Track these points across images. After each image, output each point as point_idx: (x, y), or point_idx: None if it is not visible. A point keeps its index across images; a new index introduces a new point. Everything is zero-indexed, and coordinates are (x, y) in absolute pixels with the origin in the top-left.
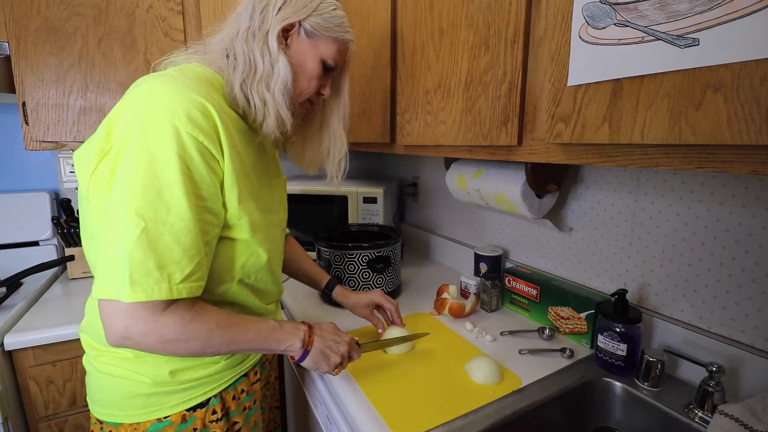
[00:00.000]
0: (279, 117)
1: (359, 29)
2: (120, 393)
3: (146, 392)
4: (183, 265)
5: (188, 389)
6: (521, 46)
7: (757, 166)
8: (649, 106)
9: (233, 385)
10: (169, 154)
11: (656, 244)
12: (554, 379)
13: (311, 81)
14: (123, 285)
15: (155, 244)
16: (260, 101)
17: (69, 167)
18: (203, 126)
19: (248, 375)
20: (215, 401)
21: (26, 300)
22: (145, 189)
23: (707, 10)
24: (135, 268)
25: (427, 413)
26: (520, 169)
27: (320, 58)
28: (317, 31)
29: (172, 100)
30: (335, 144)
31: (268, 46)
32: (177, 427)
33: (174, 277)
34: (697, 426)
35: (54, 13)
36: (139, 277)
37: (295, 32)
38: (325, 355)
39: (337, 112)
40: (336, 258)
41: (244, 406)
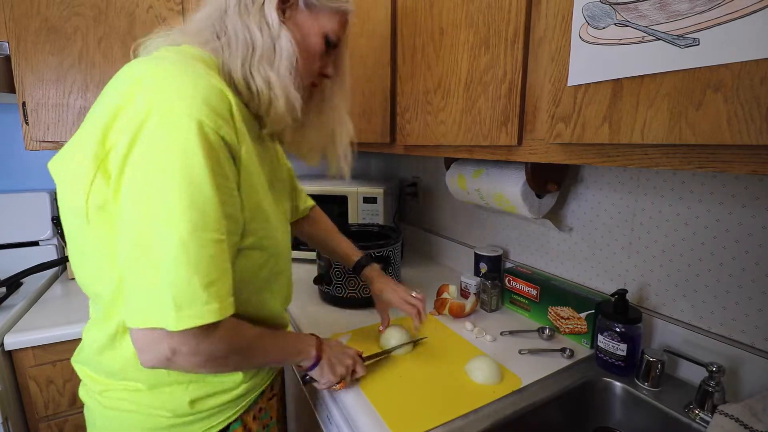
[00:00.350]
0: (288, 100)
1: (359, 29)
2: (132, 427)
3: (164, 425)
4: (226, 280)
5: (209, 417)
6: (521, 46)
7: (757, 166)
8: (649, 106)
9: (253, 406)
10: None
11: (656, 244)
12: (554, 379)
13: (314, 59)
14: (167, 311)
15: (197, 262)
16: (264, 83)
17: None
18: (224, 115)
19: (264, 392)
20: (236, 425)
21: (26, 300)
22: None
23: (707, 10)
24: (179, 292)
25: (428, 413)
26: (520, 169)
27: (323, 32)
28: (318, 1)
29: (187, 86)
30: (341, 126)
31: (266, 18)
32: None
33: (221, 295)
34: (697, 426)
35: (54, 13)
36: (185, 301)
37: (294, 3)
38: (331, 364)
39: (340, 92)
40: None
41: (264, 424)
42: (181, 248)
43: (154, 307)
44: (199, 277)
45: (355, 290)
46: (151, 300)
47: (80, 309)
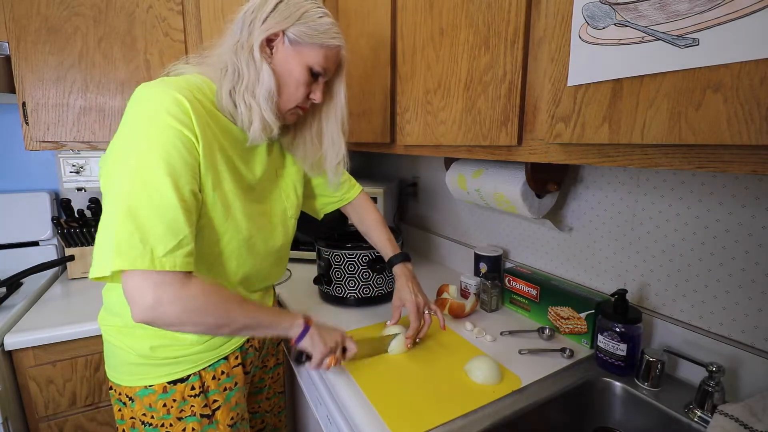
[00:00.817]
0: (264, 121)
1: (359, 29)
2: (117, 359)
3: (134, 362)
4: (166, 240)
5: (168, 365)
6: (521, 46)
7: (757, 166)
8: (649, 106)
9: (213, 366)
10: (150, 143)
11: (656, 244)
12: (554, 379)
13: (299, 87)
14: (109, 255)
15: (138, 221)
16: (246, 107)
17: (69, 167)
18: (179, 116)
19: (228, 359)
20: (194, 378)
21: (26, 300)
22: (131, 173)
23: (707, 10)
24: (121, 242)
25: (428, 413)
26: (520, 169)
27: (306, 64)
28: (301, 39)
29: (153, 99)
30: (332, 147)
31: (253, 56)
32: (159, 395)
33: (157, 251)
34: (697, 426)
35: (54, 13)
36: (126, 249)
37: (279, 41)
38: (321, 336)
39: (333, 117)
40: (336, 258)
41: (224, 387)
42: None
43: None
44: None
45: (355, 290)
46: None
47: (80, 309)
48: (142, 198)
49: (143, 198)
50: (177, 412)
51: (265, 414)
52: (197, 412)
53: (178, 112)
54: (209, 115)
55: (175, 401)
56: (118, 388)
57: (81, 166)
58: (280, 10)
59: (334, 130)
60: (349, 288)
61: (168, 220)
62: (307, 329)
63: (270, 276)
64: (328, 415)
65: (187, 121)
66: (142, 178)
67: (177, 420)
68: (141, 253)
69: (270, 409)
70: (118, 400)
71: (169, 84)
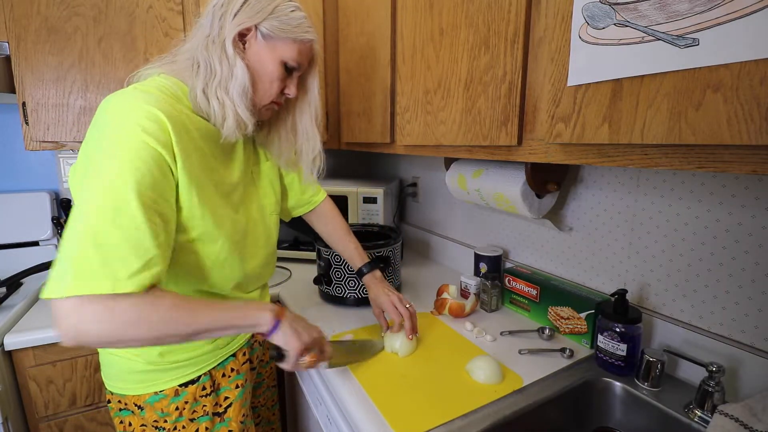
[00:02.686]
0: (238, 117)
1: (359, 29)
2: (122, 369)
3: (142, 369)
4: (130, 262)
5: (179, 368)
6: (521, 46)
7: (757, 166)
8: (649, 106)
9: (222, 365)
10: (122, 162)
11: (656, 244)
12: (554, 379)
13: (273, 83)
14: (66, 280)
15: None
16: (219, 104)
17: (69, 167)
18: (156, 134)
19: (236, 355)
20: (205, 378)
21: (26, 300)
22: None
23: (707, 10)
24: (80, 264)
25: (430, 412)
26: (520, 169)
27: (280, 59)
28: (274, 33)
29: (125, 112)
30: (308, 142)
31: (225, 51)
32: (171, 399)
33: (119, 273)
34: (697, 426)
35: (54, 13)
36: (84, 273)
37: (251, 36)
38: (296, 330)
39: (307, 111)
40: (336, 258)
41: (236, 384)
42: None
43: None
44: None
45: (355, 290)
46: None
47: None
48: (107, 218)
49: (108, 218)
50: (189, 413)
51: (261, 408)
52: (209, 411)
53: (154, 129)
54: (188, 120)
55: (188, 403)
56: (122, 398)
57: None
58: (251, 4)
59: (308, 124)
60: (349, 288)
61: (133, 242)
62: (278, 324)
63: (263, 275)
64: (328, 415)
65: (164, 138)
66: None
67: (189, 421)
68: (102, 277)
69: (264, 403)
70: (123, 410)
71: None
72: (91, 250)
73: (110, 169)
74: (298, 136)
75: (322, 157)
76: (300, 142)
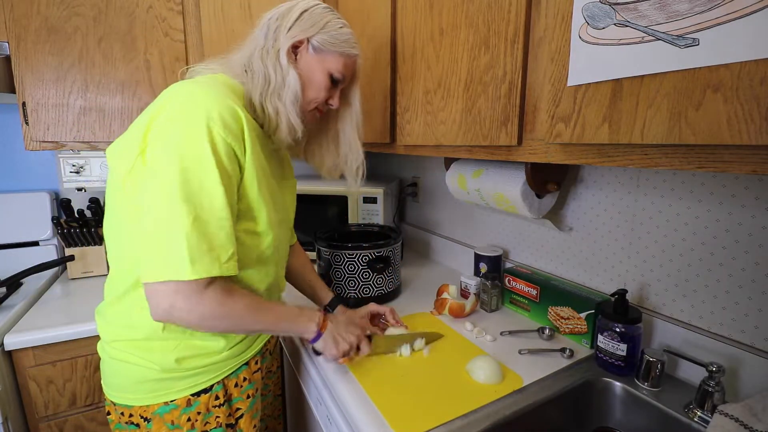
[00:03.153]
0: (290, 124)
1: (359, 29)
2: (131, 378)
3: (155, 378)
4: (227, 247)
5: (193, 376)
6: (521, 46)
7: (757, 166)
8: (649, 106)
9: (235, 374)
10: (207, 152)
11: (656, 244)
12: (554, 379)
13: (320, 91)
14: (183, 265)
15: (205, 229)
16: (273, 111)
17: (69, 167)
18: (232, 128)
19: (249, 364)
20: (218, 387)
21: (26, 300)
22: (190, 181)
23: (707, 10)
24: (193, 250)
25: (431, 412)
26: (520, 169)
27: (327, 71)
28: (324, 47)
29: (209, 103)
30: (351, 152)
31: (279, 61)
32: (183, 409)
33: (222, 257)
34: (697, 426)
35: (54, 13)
36: (198, 258)
37: (303, 48)
38: (335, 340)
39: (350, 122)
40: (336, 258)
41: (247, 394)
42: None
43: (170, 261)
44: (207, 242)
45: (355, 290)
46: (167, 256)
47: (80, 309)
48: (204, 206)
49: (205, 206)
50: (202, 425)
51: (268, 419)
52: (222, 422)
53: (232, 122)
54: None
55: (200, 413)
56: (127, 410)
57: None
58: (305, 19)
59: (352, 136)
60: (349, 288)
61: (226, 228)
62: (320, 335)
63: (281, 283)
64: (328, 415)
65: (238, 132)
66: (202, 185)
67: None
68: (211, 261)
69: (272, 413)
70: (128, 423)
71: (220, 89)
72: (199, 236)
73: (197, 161)
74: (341, 146)
75: (364, 167)
76: (344, 152)
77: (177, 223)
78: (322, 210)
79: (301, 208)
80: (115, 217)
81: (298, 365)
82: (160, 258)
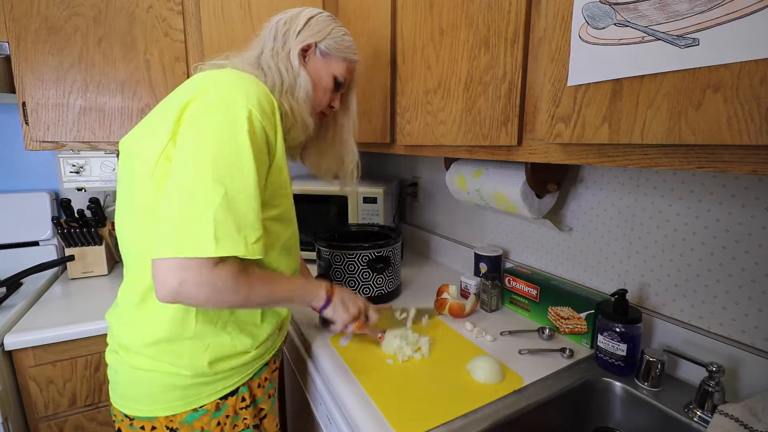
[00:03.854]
0: (304, 122)
1: (359, 29)
2: (158, 387)
3: (184, 384)
4: (256, 228)
5: (221, 380)
6: (521, 46)
7: (757, 166)
8: (649, 106)
9: (258, 374)
10: (244, 135)
11: (656, 244)
12: (554, 379)
13: (325, 94)
14: (207, 241)
15: (234, 209)
16: (289, 108)
17: (69, 167)
18: (269, 114)
19: (269, 364)
20: (243, 389)
21: (26, 300)
22: (225, 161)
23: (707, 10)
24: (219, 228)
25: (431, 412)
26: (520, 169)
27: (333, 74)
28: (330, 51)
29: (249, 88)
30: (348, 154)
31: (290, 62)
32: (212, 415)
33: (249, 238)
34: (697, 426)
35: (54, 13)
36: (223, 236)
37: (312, 52)
38: (344, 304)
39: (347, 126)
40: (336, 258)
41: (269, 394)
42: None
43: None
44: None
45: (354, 290)
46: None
47: (80, 309)
48: (237, 185)
49: (238, 185)
50: (231, 428)
51: None
52: (250, 424)
53: (268, 108)
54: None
55: (228, 417)
56: (149, 423)
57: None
58: (312, 25)
59: (349, 138)
60: (350, 288)
61: (255, 210)
62: (329, 301)
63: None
64: (328, 415)
65: (273, 118)
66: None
67: None
68: (237, 240)
69: None
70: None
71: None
72: (227, 214)
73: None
74: (338, 149)
75: (359, 168)
76: (341, 154)
77: (205, 200)
78: (322, 210)
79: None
80: (137, 210)
81: (298, 365)
82: (182, 234)
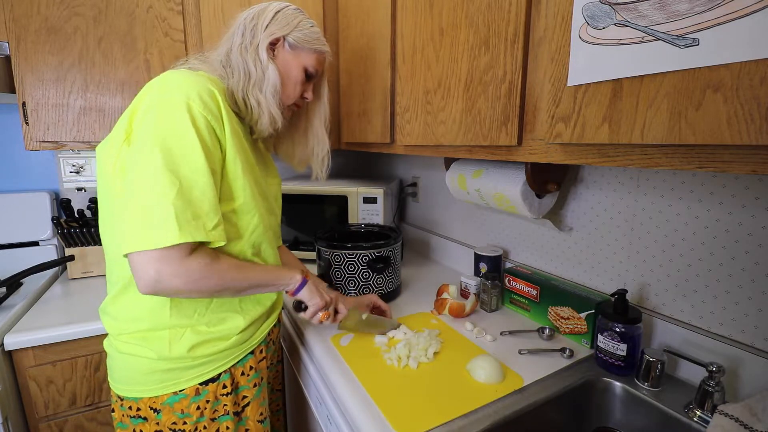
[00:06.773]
0: (271, 116)
1: (359, 29)
2: (140, 370)
3: (164, 368)
4: (211, 216)
5: (201, 365)
6: (521, 46)
7: (757, 166)
8: (649, 106)
9: (241, 362)
10: (187, 126)
11: (656, 244)
12: (554, 379)
13: (296, 86)
14: (170, 230)
15: (190, 198)
16: (256, 103)
17: (69, 167)
18: (210, 107)
19: (254, 353)
20: (225, 377)
21: (26, 300)
22: (173, 155)
23: (707, 10)
24: (179, 217)
25: (431, 411)
26: (520, 169)
27: (302, 66)
28: (299, 44)
29: (186, 84)
30: (318, 144)
31: (259, 56)
32: (192, 398)
33: (207, 225)
34: (697, 426)
35: (54, 13)
36: (184, 224)
37: (280, 45)
38: (318, 290)
39: (318, 116)
40: (336, 258)
41: (254, 383)
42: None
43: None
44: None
45: (355, 290)
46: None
47: (80, 309)
48: (188, 176)
49: (189, 177)
50: (211, 413)
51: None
52: (230, 410)
53: (209, 101)
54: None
55: (209, 402)
56: (135, 403)
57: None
58: (279, 19)
59: (319, 127)
60: (350, 288)
61: (210, 199)
62: (305, 282)
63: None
64: (328, 415)
65: (216, 111)
66: (184, 157)
67: (211, 421)
68: (196, 227)
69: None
70: (136, 417)
71: (197, 75)
72: (184, 203)
73: (178, 135)
74: (309, 138)
75: (329, 156)
76: (312, 143)
77: (162, 192)
78: (322, 210)
79: (301, 208)
80: (109, 210)
81: (297, 365)
82: (145, 227)
